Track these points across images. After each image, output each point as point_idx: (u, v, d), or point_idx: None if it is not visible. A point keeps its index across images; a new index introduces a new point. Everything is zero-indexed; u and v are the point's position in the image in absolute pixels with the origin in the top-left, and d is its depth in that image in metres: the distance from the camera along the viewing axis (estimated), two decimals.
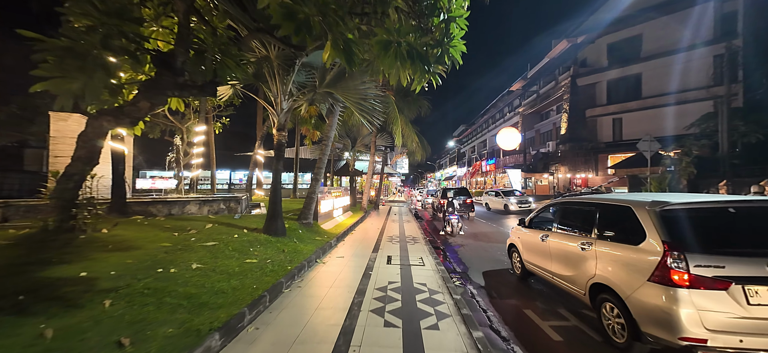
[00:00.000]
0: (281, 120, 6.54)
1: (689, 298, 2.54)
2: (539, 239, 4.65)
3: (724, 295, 2.51)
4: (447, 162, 65.61)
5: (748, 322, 2.43)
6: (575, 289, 3.79)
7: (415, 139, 16.44)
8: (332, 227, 9.64)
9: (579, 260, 3.71)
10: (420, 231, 10.58)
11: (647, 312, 2.76)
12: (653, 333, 2.72)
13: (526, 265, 5.13)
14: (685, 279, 2.58)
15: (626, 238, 3.16)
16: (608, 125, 24.94)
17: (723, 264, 2.56)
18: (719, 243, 2.71)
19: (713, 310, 2.50)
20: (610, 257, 3.27)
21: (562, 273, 4.04)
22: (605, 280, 3.25)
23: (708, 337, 2.47)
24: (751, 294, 2.48)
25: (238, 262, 4.68)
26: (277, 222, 6.47)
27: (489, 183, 37.74)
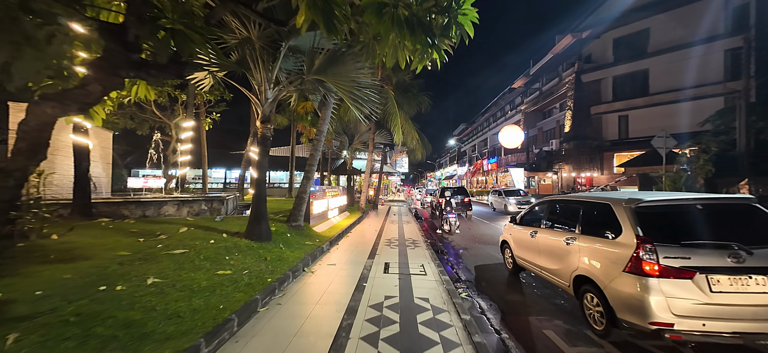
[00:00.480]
0: (266, 111, 5.84)
1: (659, 287, 2.77)
2: (529, 235, 4.86)
3: (689, 284, 2.74)
4: (447, 161, 64.90)
5: (710, 308, 2.66)
6: (561, 281, 4.03)
7: (415, 136, 15.75)
8: (326, 229, 8.94)
9: (564, 254, 3.93)
10: (420, 233, 9.89)
11: (622, 300, 2.99)
12: (627, 319, 2.95)
13: (517, 260, 5.33)
14: (656, 269, 2.81)
15: (605, 233, 3.39)
16: (614, 123, 24.24)
17: (689, 256, 2.80)
18: (686, 237, 2.92)
19: (680, 297, 2.72)
20: (591, 251, 3.50)
21: (549, 267, 4.27)
22: (587, 272, 3.48)
23: (675, 322, 2.69)
24: (714, 282, 2.71)
25: (207, 274, 3.98)
26: (261, 225, 5.76)
27: (490, 182, 37.06)
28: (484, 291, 5.07)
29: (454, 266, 6.75)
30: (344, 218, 12.25)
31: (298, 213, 7.27)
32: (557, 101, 29.37)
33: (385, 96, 13.84)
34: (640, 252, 2.91)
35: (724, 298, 2.68)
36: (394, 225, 11.68)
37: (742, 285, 2.72)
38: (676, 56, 21.40)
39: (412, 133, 15.44)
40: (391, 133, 14.45)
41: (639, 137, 22.35)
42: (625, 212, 3.21)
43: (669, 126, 20.86)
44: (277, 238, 6.17)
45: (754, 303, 2.67)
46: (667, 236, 2.95)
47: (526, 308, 4.31)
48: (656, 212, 3.18)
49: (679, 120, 20.24)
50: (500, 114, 42.44)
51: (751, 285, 2.71)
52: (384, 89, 14.16)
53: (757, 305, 2.66)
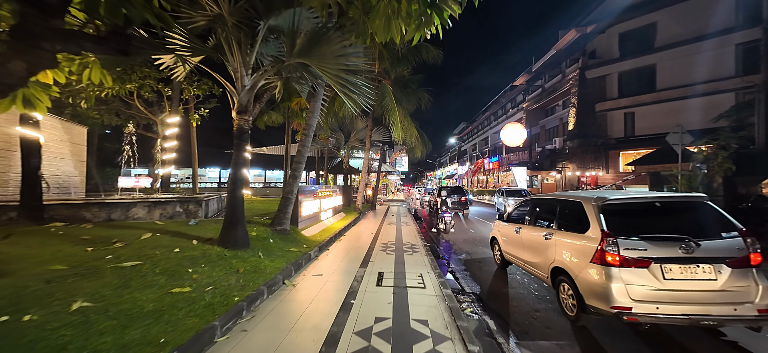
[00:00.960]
0: (242, 100, 5.12)
1: (619, 275, 3.11)
2: (514, 231, 5.23)
3: (645, 272, 3.08)
4: (447, 160, 64.17)
5: (663, 293, 2.99)
6: (540, 273, 4.38)
7: (414, 133, 15.03)
8: (316, 232, 8.23)
9: (543, 248, 4.27)
10: (419, 236, 9.17)
11: (590, 288, 3.31)
12: (593, 304, 3.26)
13: (505, 255, 5.67)
14: (617, 259, 3.14)
15: (577, 228, 3.72)
16: (619, 120, 23.51)
17: (645, 247, 3.12)
18: (644, 231, 3.24)
19: (637, 284, 3.06)
20: (565, 245, 3.84)
21: (531, 260, 4.61)
22: (562, 264, 3.80)
23: (632, 306, 3.00)
24: (666, 271, 3.05)
25: (158, 293, 3.27)
26: (237, 231, 5.05)
27: (491, 182, 36.36)
28: (492, 305, 4.38)
29: (455, 273, 6.05)
30: (339, 219, 11.54)
31: (283, 216, 6.56)
32: (560, 98, 28.65)
33: (382, 91, 13.13)
34: (604, 244, 3.25)
35: (675, 285, 3.02)
36: (391, 227, 10.96)
37: (691, 273, 3.07)
38: (684, 51, 20.67)
39: (411, 130, 14.73)
40: (389, 130, 13.73)
41: (646, 135, 21.64)
42: (593, 209, 3.56)
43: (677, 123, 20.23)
44: (256, 245, 5.46)
45: (701, 289, 3.01)
46: (628, 230, 3.29)
47: (544, 326, 3.60)
48: (619, 209, 3.51)
49: (688, 117, 19.51)
50: (501, 112, 41.72)
51: (698, 272, 3.06)
52: (381, 84, 13.45)
53: (703, 290, 3.00)
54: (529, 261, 4.70)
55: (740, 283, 3.02)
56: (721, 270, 3.06)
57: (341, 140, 15.67)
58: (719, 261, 3.07)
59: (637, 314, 2.99)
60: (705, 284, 3.02)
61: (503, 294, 4.78)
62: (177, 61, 5.46)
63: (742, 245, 3.14)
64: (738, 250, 3.12)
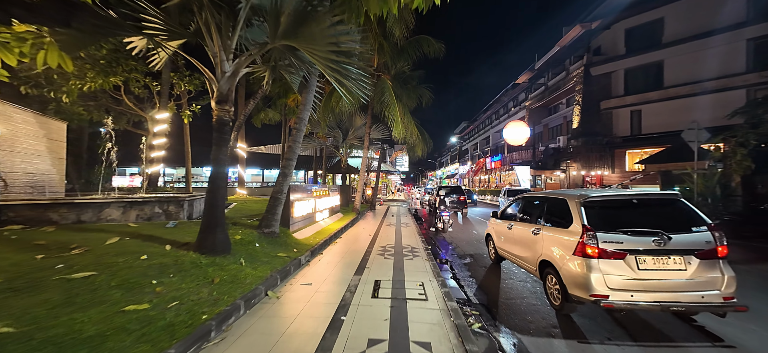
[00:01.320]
0: (222, 88, 4.57)
1: (598, 266, 3.40)
2: (507, 228, 5.48)
3: (621, 263, 3.37)
4: (448, 159, 63.60)
5: (637, 282, 3.27)
6: (530, 267, 4.60)
7: (414, 131, 14.47)
8: (310, 235, 7.69)
9: (532, 243, 4.51)
10: (420, 238, 8.62)
11: (572, 278, 3.61)
12: (575, 293, 3.55)
13: (498, 251, 5.94)
14: (596, 251, 3.44)
15: (561, 223, 4.01)
16: (625, 118, 22.92)
17: (622, 241, 3.43)
18: (621, 225, 3.55)
19: (614, 274, 3.35)
20: (551, 239, 4.12)
21: (522, 255, 4.85)
22: (548, 257, 4.07)
23: (609, 294, 3.28)
24: (641, 261, 3.35)
25: (107, 312, 2.72)
26: (216, 235, 4.50)
27: (492, 181, 35.80)
28: (504, 318, 3.84)
29: (460, 280, 5.50)
30: (335, 220, 10.99)
31: (272, 217, 6.01)
32: (564, 96, 28.08)
33: (382, 86, 12.58)
34: (585, 238, 3.49)
35: (648, 275, 3.25)
36: (391, 228, 10.41)
37: (663, 264, 3.30)
38: (693, 47, 20.07)
39: (411, 127, 14.17)
40: (389, 127, 13.18)
41: (653, 133, 21.05)
42: (576, 205, 3.81)
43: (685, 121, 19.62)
44: (239, 250, 4.91)
45: (671, 278, 3.25)
46: (607, 225, 3.54)
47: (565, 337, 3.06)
48: (599, 205, 3.77)
49: (698, 114, 18.85)
50: (503, 111, 41.16)
51: (669, 263, 3.30)
52: (381, 79, 12.90)
53: (674, 280, 3.24)
54: (520, 256, 4.97)
55: (708, 273, 3.28)
56: (690, 261, 3.32)
57: (339, 137, 15.12)
58: (689, 253, 3.33)
59: (613, 301, 3.23)
60: (675, 274, 3.29)
61: (513, 304, 4.24)
62: (152, 45, 4.91)
63: (710, 239, 3.39)
64: (706, 243, 3.37)
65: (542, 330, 3.61)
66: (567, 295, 3.65)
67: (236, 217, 7.70)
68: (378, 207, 19.59)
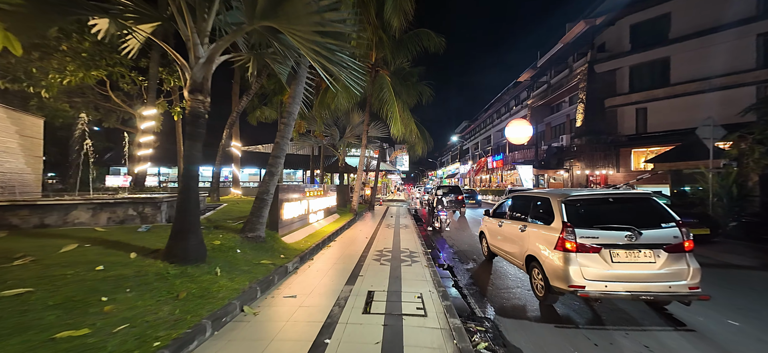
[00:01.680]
0: (196, 76, 4.06)
1: (576, 259, 3.69)
2: (497, 225, 5.76)
3: (597, 256, 3.67)
4: (449, 159, 63.07)
5: (611, 274, 3.57)
6: (517, 261, 4.98)
7: (414, 129, 13.95)
8: (302, 238, 7.18)
9: (520, 239, 4.88)
10: (419, 241, 8.10)
11: (553, 271, 3.89)
12: (556, 285, 3.85)
13: (491, 247, 6.22)
14: (574, 246, 3.72)
15: (545, 220, 4.32)
16: (631, 116, 22.38)
17: (597, 236, 3.73)
18: (597, 222, 3.85)
19: (590, 267, 3.63)
20: (536, 235, 4.42)
21: (511, 250, 5.23)
22: (533, 252, 4.39)
23: (585, 285, 3.57)
24: (614, 255, 3.65)
25: (30, 342, 2.21)
26: (187, 241, 3.99)
27: (494, 181, 35.27)
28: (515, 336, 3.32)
29: (463, 288, 4.98)
30: (331, 221, 10.48)
31: (257, 220, 5.49)
32: (567, 95, 27.54)
33: (380, 82, 12.06)
34: (564, 234, 3.80)
35: (621, 267, 3.61)
36: (389, 231, 9.90)
37: (634, 257, 3.66)
38: (701, 43, 19.51)
39: (411, 125, 13.65)
40: (387, 125, 12.65)
41: (659, 132, 20.52)
42: (557, 203, 4.10)
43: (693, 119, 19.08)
44: (216, 257, 4.40)
45: (642, 270, 3.60)
46: (584, 222, 3.85)
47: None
48: (578, 203, 4.05)
49: (706, 112, 18.33)
50: (504, 110, 40.63)
51: (640, 256, 3.65)
52: (380, 74, 12.39)
53: (644, 271, 3.60)
54: (509, 251, 5.28)
55: (675, 265, 3.55)
56: (659, 254, 3.59)
57: (336, 135, 14.60)
58: (658, 247, 3.60)
59: (589, 291, 3.51)
60: (645, 266, 3.57)
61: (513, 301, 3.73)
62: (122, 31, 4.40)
63: (678, 234, 3.65)
64: (674, 238, 3.63)
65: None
66: (549, 287, 3.95)
67: (221, 219, 7.19)
68: (377, 207, 19.07)
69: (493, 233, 6.07)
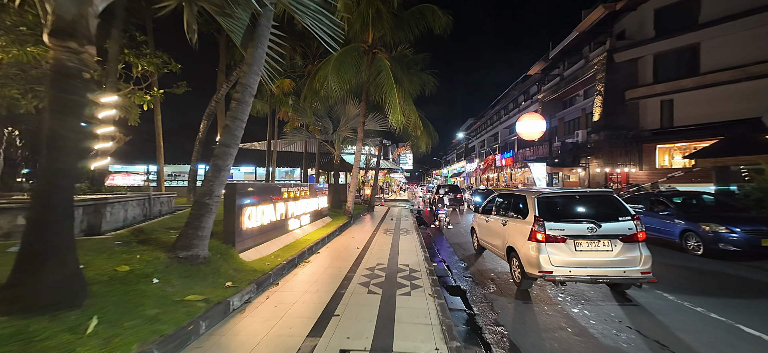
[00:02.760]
0: (64, 9, 2.52)
1: (545, 248, 4.21)
2: (485, 221, 6.36)
3: (563, 245, 4.19)
4: (454, 158, 61.23)
5: (574, 260, 4.10)
6: (500, 253, 5.46)
7: (417, 121, 12.36)
8: (272, 252, 5.65)
9: (502, 232, 5.38)
10: (422, 253, 6.51)
11: (527, 259, 4.40)
12: (529, 271, 4.36)
13: (480, 242, 6.81)
14: (543, 237, 4.24)
15: (521, 215, 4.85)
16: (655, 109, 20.51)
17: (563, 228, 4.24)
18: (563, 216, 4.41)
19: (557, 254, 4.16)
20: (515, 228, 4.94)
21: (495, 243, 5.74)
22: (512, 243, 4.90)
23: (553, 270, 4.10)
24: (577, 244, 4.18)
25: None
26: (42, 275, 2.45)
27: (502, 179, 33.48)
28: None
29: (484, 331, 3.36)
30: (319, 227, 8.94)
31: (195, 233, 3.92)
32: (582, 87, 25.66)
33: (378, 65, 10.48)
34: (536, 226, 4.31)
35: (583, 255, 4.13)
36: (387, 237, 8.33)
37: (594, 246, 4.17)
38: (735, 26, 17.57)
39: (413, 116, 12.06)
40: (387, 116, 11.06)
41: (687, 126, 18.62)
42: (532, 200, 4.64)
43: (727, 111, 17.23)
44: (108, 295, 2.86)
45: (600, 258, 4.13)
46: (552, 216, 4.38)
47: None
48: (548, 200, 4.62)
49: (741, 104, 16.56)
50: (513, 106, 38.79)
51: (599, 245, 4.17)
52: (377, 57, 10.80)
53: (602, 258, 4.12)
54: (494, 244, 5.77)
55: (629, 253, 4.13)
56: (615, 244, 4.16)
57: (329, 128, 13.04)
58: (614, 238, 4.17)
59: (555, 276, 4.09)
60: (604, 254, 4.14)
61: None
62: None
63: (632, 226, 4.22)
64: (628, 229, 4.20)
65: None
66: (524, 273, 4.45)
67: (161, 230, 5.59)
68: (377, 208, 17.50)
69: (481, 228, 6.66)
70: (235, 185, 4.86)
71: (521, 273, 4.53)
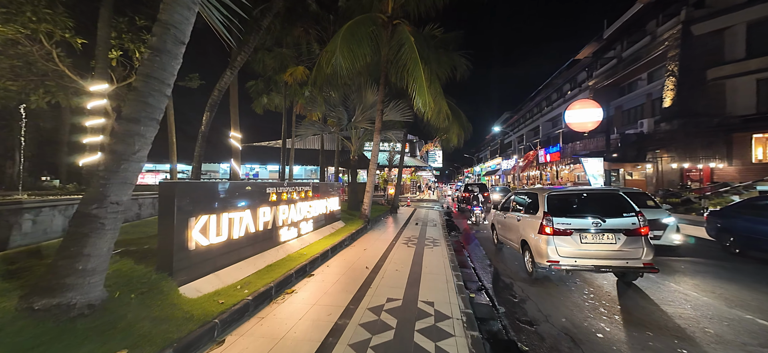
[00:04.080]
0: None
1: (553, 240, 4.69)
2: (503, 217, 6.93)
3: (569, 238, 4.66)
4: (488, 154, 57.43)
5: (580, 251, 4.54)
6: (515, 246, 6.01)
7: (445, 108, 10.32)
8: (242, 279, 4.09)
9: (517, 227, 5.88)
10: (453, 277, 4.58)
11: (537, 251, 4.91)
12: (538, 261, 4.86)
13: (498, 237, 7.37)
14: (551, 230, 4.73)
15: (533, 211, 5.37)
16: (748, 90, 16.60)
17: (570, 222, 4.71)
18: (570, 212, 4.90)
19: (563, 246, 4.63)
20: (527, 223, 5.45)
21: (511, 238, 6.28)
22: (525, 237, 5.41)
23: (560, 260, 4.58)
24: (583, 237, 4.63)
25: None
26: None
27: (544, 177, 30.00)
28: None
29: None
30: (325, 235, 7.32)
31: (70, 267, 2.29)
32: (645, 69, 21.83)
33: (399, 39, 8.63)
34: (544, 221, 4.82)
35: (588, 247, 4.55)
36: (408, 252, 6.49)
37: (599, 239, 4.57)
38: None
39: (442, 104, 10.05)
40: (411, 101, 9.17)
41: None
42: (542, 197, 5.16)
43: None
44: None
45: (604, 249, 4.52)
46: (560, 211, 4.87)
47: None
48: (557, 197, 5.13)
49: None
50: (556, 96, 34.87)
51: (604, 239, 4.56)
52: (398, 29, 8.94)
53: (606, 250, 4.51)
54: (510, 239, 6.38)
55: (632, 246, 4.49)
56: (619, 237, 4.53)
57: (343, 118, 11.40)
58: (618, 232, 4.54)
59: (562, 265, 4.53)
60: (608, 246, 4.52)
61: None
62: None
63: (636, 222, 4.57)
64: (632, 224, 4.56)
65: None
66: (534, 262, 5.02)
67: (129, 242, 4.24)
68: (402, 210, 15.66)
69: (499, 224, 7.21)
70: (174, 184, 3.31)
71: (532, 262, 5.14)
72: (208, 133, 10.06)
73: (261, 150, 28.36)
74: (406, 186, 29.61)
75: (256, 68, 15.49)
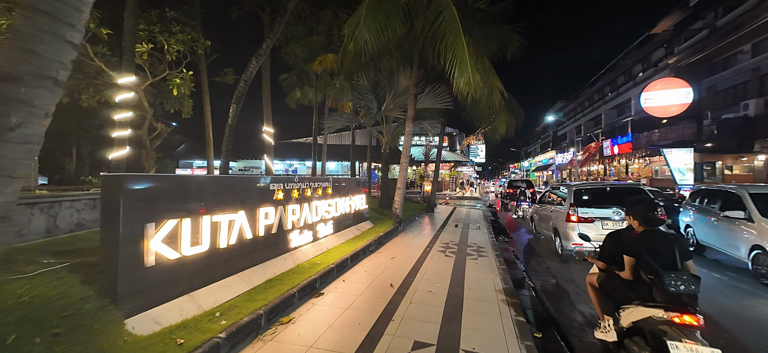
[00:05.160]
0: None
1: (577, 227, 5.60)
2: (539, 209, 8.27)
3: (592, 225, 5.74)
4: (538, 148, 52.62)
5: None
6: (549, 233, 7.08)
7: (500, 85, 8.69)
8: (227, 301, 3.22)
9: (549, 217, 7.15)
10: (509, 311, 3.24)
11: (564, 236, 6.07)
12: (565, 244, 6.03)
13: (535, 227, 8.65)
14: (576, 219, 5.84)
15: (563, 203, 6.58)
16: None
17: (593, 212, 5.87)
18: (593, 203, 6.06)
19: (586, 232, 4.86)
20: (557, 214, 6.67)
21: (544, 226, 7.58)
22: (556, 225, 6.61)
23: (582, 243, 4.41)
24: (604, 224, 5.71)
25: None
26: None
27: (608, 173, 26.14)
28: None
29: None
30: (348, 239, 6.31)
31: None
32: (748, 40, 17.49)
33: (436, 5, 7.25)
34: (570, 211, 5.95)
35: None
36: (445, 263, 5.21)
37: (619, 226, 5.27)
38: None
39: (494, 81, 8.45)
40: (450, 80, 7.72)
41: None
42: (570, 191, 6.43)
43: None
44: None
45: None
46: (585, 203, 6.05)
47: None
48: (583, 190, 6.35)
49: None
50: (623, 79, 30.31)
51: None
52: None
53: None
54: (544, 226, 7.63)
55: None
56: None
57: (372, 106, 10.29)
58: None
59: (585, 248, 4.47)
60: None
61: None
62: None
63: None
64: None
65: None
66: (562, 246, 6.21)
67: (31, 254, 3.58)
68: (440, 208, 14.23)
69: (536, 215, 8.56)
70: (120, 178, 2.46)
71: (561, 246, 6.35)
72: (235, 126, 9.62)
73: (299, 146, 28.51)
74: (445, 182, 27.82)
75: (288, 61, 15.09)
